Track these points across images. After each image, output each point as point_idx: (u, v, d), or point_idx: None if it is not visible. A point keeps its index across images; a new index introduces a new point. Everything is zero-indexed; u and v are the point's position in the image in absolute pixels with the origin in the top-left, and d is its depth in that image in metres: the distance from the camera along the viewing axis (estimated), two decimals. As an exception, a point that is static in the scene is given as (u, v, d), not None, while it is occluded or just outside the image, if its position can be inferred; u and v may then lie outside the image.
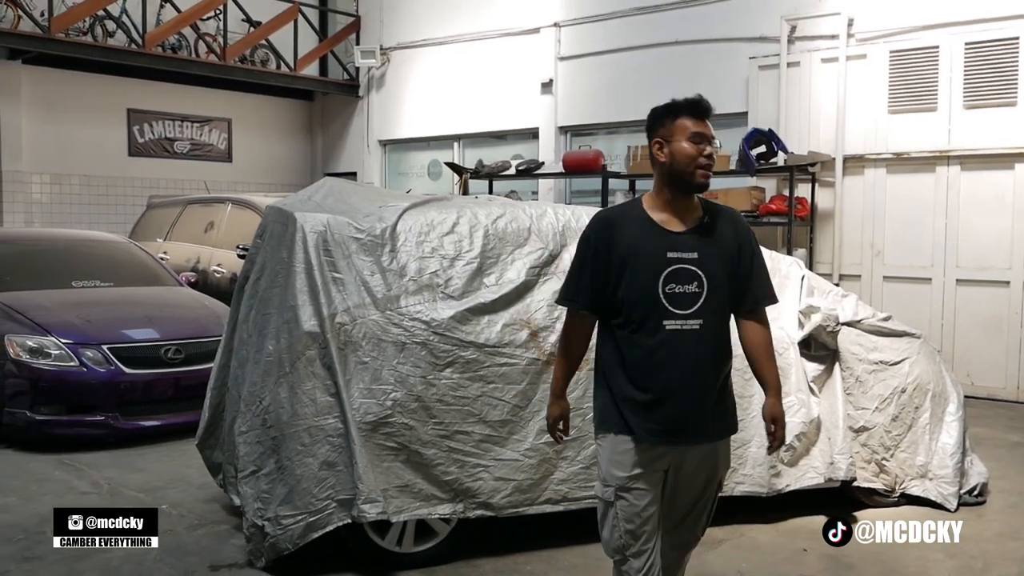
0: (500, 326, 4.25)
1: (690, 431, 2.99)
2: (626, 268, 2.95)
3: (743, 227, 3.09)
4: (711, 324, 2.96)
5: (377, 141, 14.34)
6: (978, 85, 8.35)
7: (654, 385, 2.94)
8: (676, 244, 2.95)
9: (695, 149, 2.92)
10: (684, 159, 2.92)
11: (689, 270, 2.94)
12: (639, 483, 2.98)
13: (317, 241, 4.18)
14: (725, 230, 3.02)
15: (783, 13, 9.65)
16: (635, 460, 2.97)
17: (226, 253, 9.20)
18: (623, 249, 2.97)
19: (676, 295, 2.93)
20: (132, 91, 12.92)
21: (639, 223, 2.99)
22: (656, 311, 2.92)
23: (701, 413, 2.98)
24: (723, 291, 2.98)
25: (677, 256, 2.94)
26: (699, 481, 3.10)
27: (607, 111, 11.51)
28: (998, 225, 8.32)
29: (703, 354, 2.96)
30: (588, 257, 3.04)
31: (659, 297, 2.92)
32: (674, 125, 2.95)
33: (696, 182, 2.94)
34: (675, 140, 2.93)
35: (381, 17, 14.03)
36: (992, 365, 8.42)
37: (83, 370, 6.21)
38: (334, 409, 3.95)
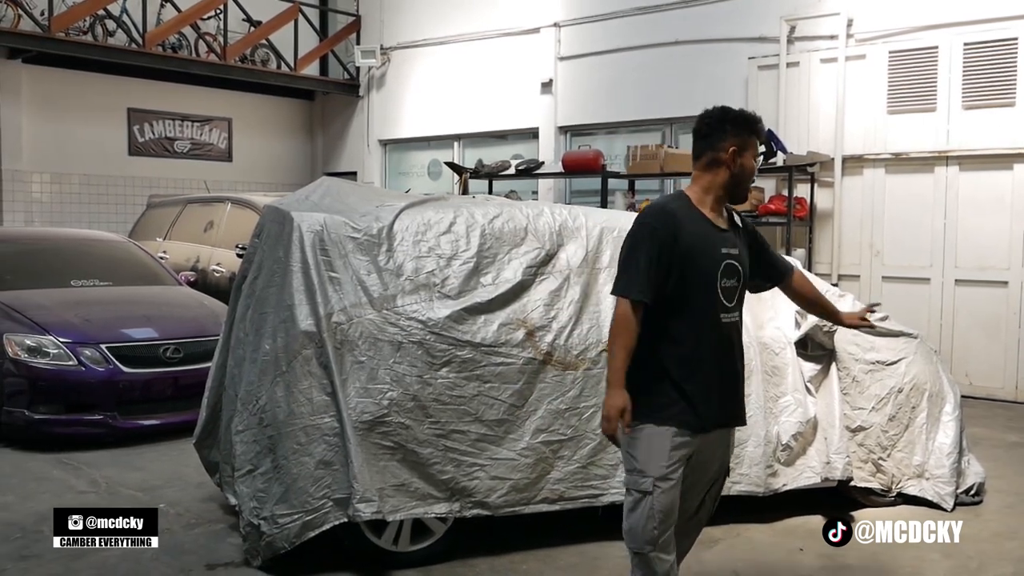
0: (496, 326, 4.26)
1: (727, 419, 3.27)
2: (689, 261, 3.10)
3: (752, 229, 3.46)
4: (742, 316, 3.29)
5: (377, 141, 14.35)
6: (977, 85, 8.35)
7: (703, 376, 3.13)
8: (725, 241, 3.19)
9: (754, 166, 3.24)
10: (750, 174, 3.22)
11: (733, 265, 3.19)
12: (676, 474, 3.12)
13: (314, 240, 4.19)
14: (746, 231, 3.36)
15: (782, 13, 9.65)
16: (674, 451, 3.10)
17: (225, 252, 9.21)
18: (687, 241, 3.10)
19: (727, 289, 3.17)
20: (132, 90, 12.93)
21: (697, 218, 3.17)
22: (715, 305, 3.14)
23: (738, 401, 3.31)
24: (747, 283, 3.31)
25: (727, 252, 3.18)
26: (714, 467, 3.33)
27: (607, 111, 11.52)
28: (997, 225, 8.32)
29: (738, 344, 3.26)
30: (654, 248, 3.09)
31: (717, 291, 3.14)
32: (750, 140, 3.20)
33: (744, 195, 3.27)
34: (747, 154, 3.18)
35: (381, 17, 14.04)
36: (990, 365, 8.42)
37: (81, 369, 6.22)
38: (330, 408, 3.96)
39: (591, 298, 4.53)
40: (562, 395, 4.32)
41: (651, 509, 3.07)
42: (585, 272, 4.56)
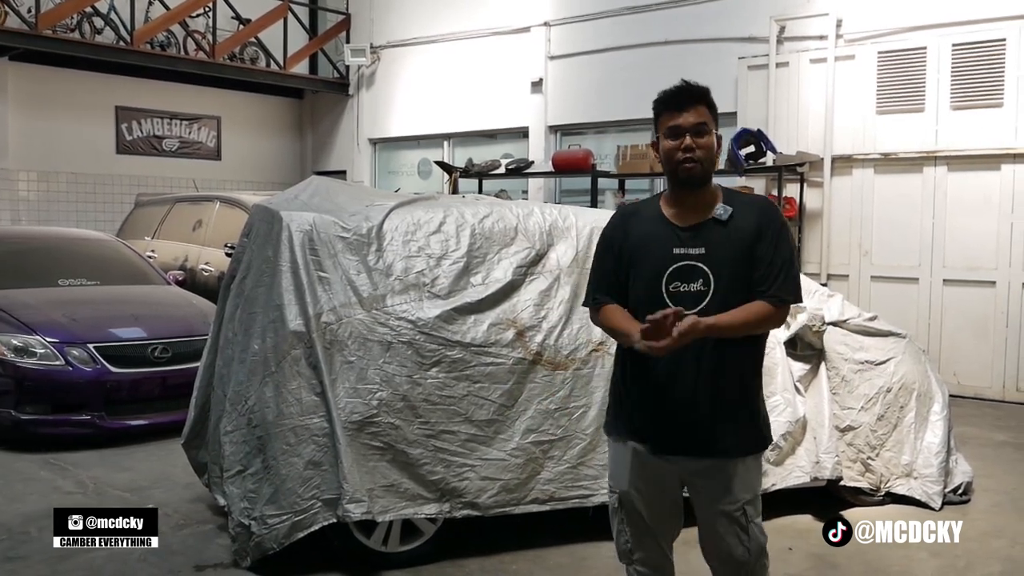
0: (486, 325, 4.25)
1: (688, 443, 2.80)
2: (633, 263, 2.84)
3: (769, 218, 2.80)
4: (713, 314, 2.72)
5: (367, 140, 14.32)
6: (965, 86, 8.39)
7: (651, 391, 2.80)
8: (683, 239, 2.78)
9: (673, 144, 2.78)
10: (665, 156, 2.82)
11: (694, 267, 2.75)
12: (640, 491, 2.89)
13: (303, 240, 4.17)
14: (744, 222, 2.77)
15: (772, 14, 9.68)
16: (634, 468, 2.88)
17: (214, 251, 9.17)
18: (633, 243, 2.86)
19: (680, 294, 2.74)
20: (120, 88, 12.86)
21: (652, 217, 2.87)
22: (659, 310, 2.64)
23: (700, 425, 2.77)
24: (735, 291, 2.73)
25: (683, 252, 2.76)
26: (711, 501, 2.87)
27: (597, 110, 11.52)
28: (984, 226, 8.36)
29: (706, 360, 2.74)
30: (600, 251, 2.96)
31: (662, 296, 2.75)
32: (659, 122, 2.87)
33: (681, 177, 2.78)
34: (660, 137, 2.84)
35: (371, 15, 14.01)
36: (978, 364, 8.46)
37: (69, 369, 6.18)
38: (320, 408, 3.95)
39: (581, 298, 4.51)
40: (552, 395, 4.32)
41: (620, 523, 2.97)
42: (575, 272, 4.56)
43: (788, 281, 2.76)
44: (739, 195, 2.92)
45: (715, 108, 2.86)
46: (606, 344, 4.48)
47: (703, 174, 2.79)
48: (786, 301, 2.77)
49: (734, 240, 2.77)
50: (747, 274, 2.75)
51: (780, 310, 2.77)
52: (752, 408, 2.87)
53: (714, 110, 2.85)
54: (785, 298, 2.76)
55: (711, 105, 2.84)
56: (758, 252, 2.74)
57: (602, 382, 4.42)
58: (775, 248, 2.76)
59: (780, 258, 2.76)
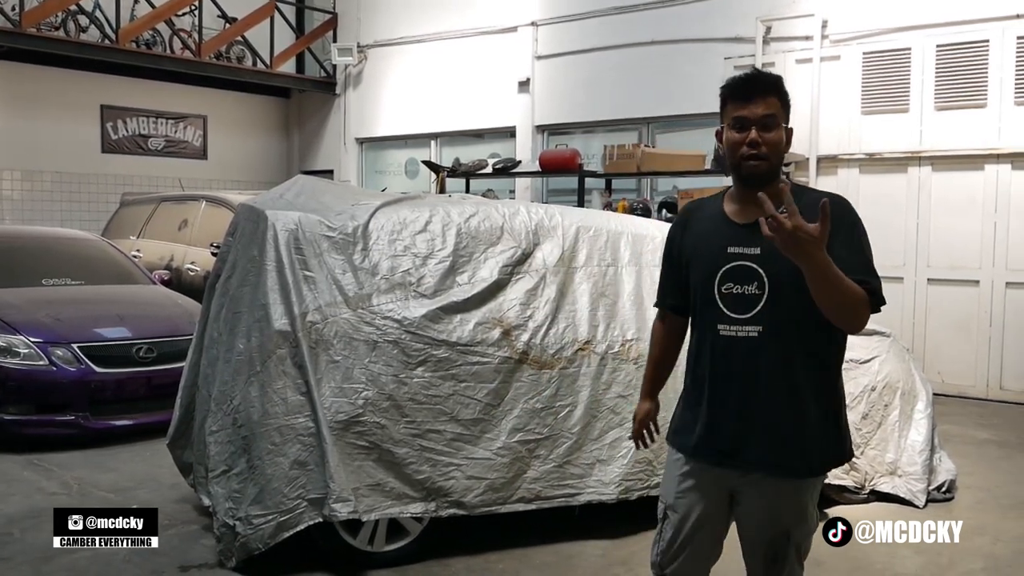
0: (472, 325, 4.26)
1: (739, 455, 2.56)
2: (690, 263, 2.66)
3: (838, 215, 2.35)
4: (773, 332, 2.48)
5: (354, 139, 14.29)
6: (949, 87, 8.45)
7: (704, 397, 2.61)
8: (740, 238, 2.53)
9: (738, 136, 2.51)
10: (729, 149, 2.56)
11: (749, 268, 2.51)
12: (685, 503, 2.70)
13: (288, 239, 4.16)
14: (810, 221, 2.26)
15: (758, 14, 9.71)
16: (683, 478, 2.70)
17: (200, 251, 9.14)
18: (689, 241, 2.68)
19: (734, 296, 2.53)
20: (105, 87, 12.79)
21: (712, 215, 2.64)
22: (711, 313, 2.54)
23: (753, 436, 2.53)
24: (793, 297, 2.42)
25: (738, 251, 2.52)
26: (757, 521, 2.67)
27: (584, 110, 11.53)
28: (968, 225, 8.42)
29: (762, 366, 2.50)
30: (666, 249, 2.81)
31: (715, 298, 2.55)
32: (724, 111, 2.59)
33: (744, 173, 2.53)
34: (725, 127, 2.57)
35: (358, 14, 13.98)
36: (962, 363, 8.52)
37: (52, 369, 6.14)
38: (305, 408, 3.93)
39: (567, 297, 4.54)
40: (538, 394, 4.32)
41: (659, 535, 2.79)
42: (561, 271, 4.56)
43: (878, 281, 2.43)
44: (809, 191, 2.63)
45: (787, 98, 2.58)
46: (592, 343, 4.49)
47: (768, 170, 2.52)
48: (878, 300, 2.42)
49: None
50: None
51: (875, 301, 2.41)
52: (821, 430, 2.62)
53: (786, 101, 2.57)
54: (878, 295, 2.42)
55: (783, 96, 2.56)
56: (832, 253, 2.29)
57: (588, 381, 4.44)
58: (848, 248, 2.43)
59: (863, 258, 2.46)
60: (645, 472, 4.51)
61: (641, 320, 4.67)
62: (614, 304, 4.66)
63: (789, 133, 2.57)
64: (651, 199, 10.57)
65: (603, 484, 4.42)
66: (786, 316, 2.48)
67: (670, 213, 9.50)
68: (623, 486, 4.45)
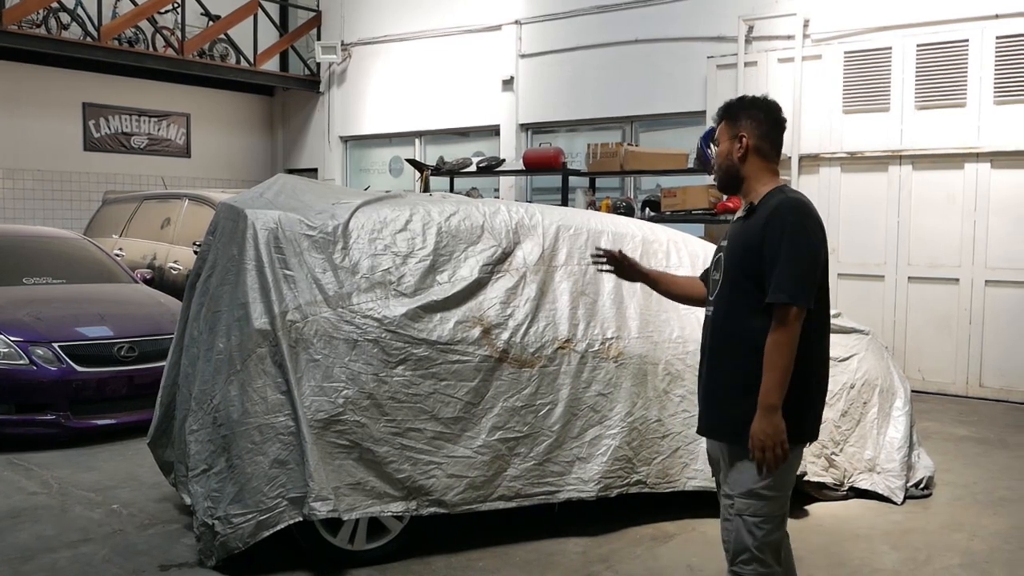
0: (453, 323, 4.26)
1: (702, 420, 3.08)
2: None
3: (775, 218, 2.83)
4: (721, 312, 2.96)
5: (338, 137, 14.28)
6: (929, 86, 8.51)
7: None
8: (730, 232, 3.07)
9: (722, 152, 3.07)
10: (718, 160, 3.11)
11: (719, 257, 3.04)
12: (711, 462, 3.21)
13: (268, 238, 4.16)
14: (757, 220, 2.88)
15: (741, 13, 9.76)
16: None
17: (183, 250, 9.11)
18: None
19: (712, 281, 3.09)
20: (88, 85, 12.73)
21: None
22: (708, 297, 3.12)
23: (706, 403, 3.04)
24: (739, 282, 2.88)
25: (722, 244, 3.07)
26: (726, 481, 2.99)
27: (568, 109, 11.56)
28: (948, 224, 8.48)
29: (714, 343, 2.99)
30: None
31: (708, 283, 3.16)
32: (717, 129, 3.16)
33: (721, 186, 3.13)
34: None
35: (342, 12, 13.97)
36: (942, 361, 8.59)
37: (33, 368, 6.12)
38: (285, 407, 3.94)
39: (547, 296, 4.55)
40: (518, 392, 4.34)
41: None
42: (541, 270, 4.58)
43: (778, 283, 2.76)
44: (776, 194, 2.94)
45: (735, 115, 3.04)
46: (572, 341, 4.51)
47: (722, 178, 3.08)
48: (780, 303, 2.74)
49: (745, 235, 2.92)
50: (752, 270, 2.85)
51: (779, 314, 2.75)
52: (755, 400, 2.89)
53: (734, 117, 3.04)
54: (775, 300, 2.75)
55: (730, 116, 3.06)
56: (764, 261, 2.81)
57: (568, 379, 4.46)
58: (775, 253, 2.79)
59: (778, 258, 2.78)
60: (624, 470, 4.54)
61: (621, 319, 4.70)
62: (594, 303, 4.68)
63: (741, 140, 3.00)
64: (635, 198, 10.61)
65: (583, 482, 4.44)
66: (731, 299, 2.93)
67: (653, 211, 9.54)
68: (603, 483, 4.47)
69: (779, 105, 3.10)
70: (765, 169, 3.00)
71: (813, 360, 2.90)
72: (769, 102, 3.07)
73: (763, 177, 2.99)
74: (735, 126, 3.01)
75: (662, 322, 4.82)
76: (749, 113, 3.01)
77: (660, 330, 4.79)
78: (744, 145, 2.98)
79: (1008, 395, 8.26)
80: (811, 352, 2.87)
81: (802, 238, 2.80)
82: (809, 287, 2.78)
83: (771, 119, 3.02)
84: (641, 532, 4.66)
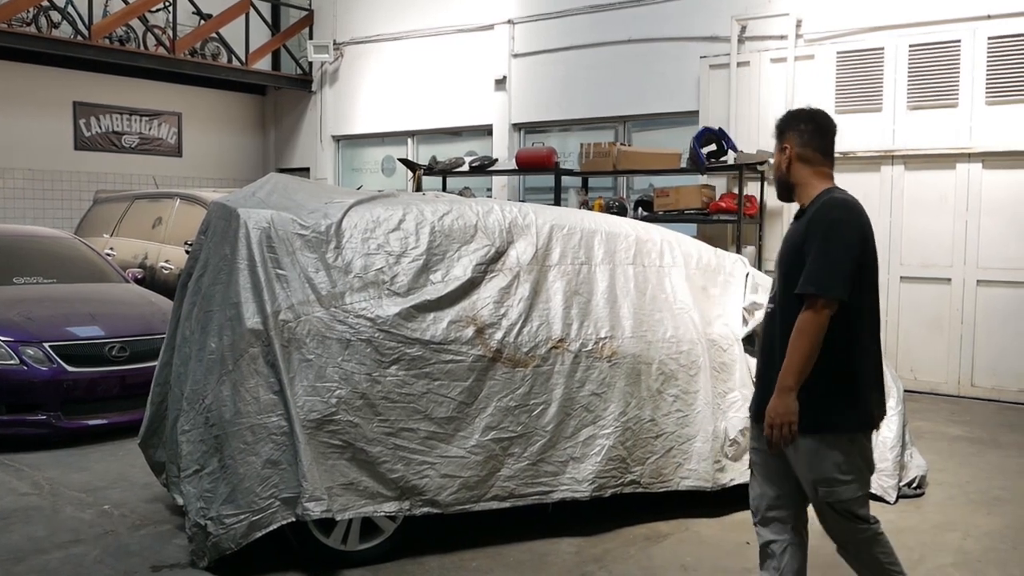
0: (446, 323, 4.25)
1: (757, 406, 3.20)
2: None
3: (813, 219, 3.06)
4: (779, 309, 3.13)
5: (331, 136, 14.24)
6: (921, 86, 8.52)
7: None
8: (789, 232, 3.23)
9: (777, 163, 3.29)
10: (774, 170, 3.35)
11: (779, 256, 3.23)
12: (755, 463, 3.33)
13: (261, 237, 4.14)
14: (804, 221, 3.11)
15: (733, 13, 9.76)
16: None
17: (174, 249, 9.08)
18: None
19: (773, 279, 3.29)
20: (78, 84, 12.66)
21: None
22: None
23: (763, 395, 3.14)
24: (789, 282, 3.06)
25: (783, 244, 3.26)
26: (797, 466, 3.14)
27: (560, 108, 11.55)
28: (940, 224, 8.50)
29: (772, 337, 3.17)
30: None
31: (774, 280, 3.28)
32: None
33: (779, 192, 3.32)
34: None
35: (334, 11, 13.93)
36: (934, 360, 8.61)
37: (24, 368, 6.08)
38: (277, 407, 3.92)
39: (541, 295, 4.54)
40: (512, 392, 4.33)
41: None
42: (535, 269, 4.57)
43: (807, 275, 2.95)
44: (823, 195, 3.12)
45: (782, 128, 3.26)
46: (566, 341, 4.50)
47: (777, 188, 3.31)
48: (808, 294, 2.94)
49: (794, 236, 3.14)
50: (799, 268, 3.01)
51: (808, 303, 2.94)
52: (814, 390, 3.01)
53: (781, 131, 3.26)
54: (803, 291, 2.95)
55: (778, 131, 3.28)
56: (804, 249, 3.02)
57: (561, 379, 4.45)
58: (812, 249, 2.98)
59: (813, 266, 2.96)
60: (618, 469, 4.53)
61: (615, 318, 4.69)
62: (588, 302, 4.67)
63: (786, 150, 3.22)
64: (627, 197, 10.62)
65: (576, 482, 4.43)
66: (784, 297, 3.09)
67: (646, 211, 9.54)
68: (596, 483, 4.46)
69: (823, 112, 3.28)
70: (814, 174, 3.19)
71: (854, 351, 3.03)
72: (813, 111, 3.26)
73: (812, 181, 3.18)
74: (781, 139, 3.25)
75: (656, 321, 4.82)
76: (792, 125, 3.23)
77: (654, 330, 4.79)
78: (788, 155, 3.21)
79: (1000, 395, 8.28)
80: (852, 343, 3.02)
81: (836, 232, 2.97)
82: (839, 279, 2.93)
83: (813, 127, 3.20)
84: (635, 532, 4.66)
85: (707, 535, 4.69)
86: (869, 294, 3.07)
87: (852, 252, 2.96)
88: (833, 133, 3.25)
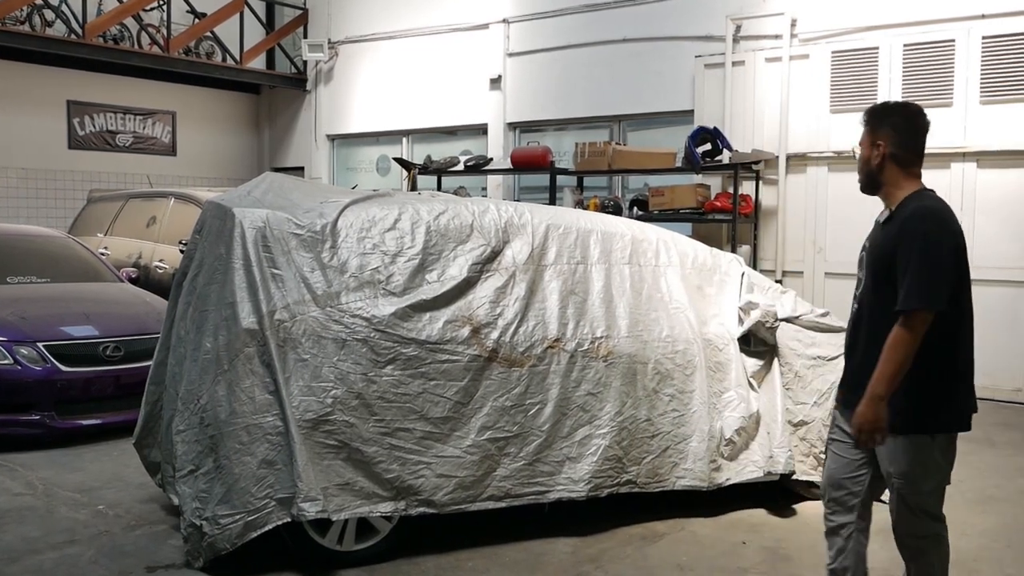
0: (442, 323, 4.25)
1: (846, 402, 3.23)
2: None
3: (906, 229, 3.04)
4: (866, 311, 3.18)
5: (325, 136, 14.22)
6: (916, 86, 8.53)
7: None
8: (872, 234, 3.27)
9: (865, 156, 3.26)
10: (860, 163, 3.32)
11: (863, 256, 3.28)
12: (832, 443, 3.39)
13: (256, 237, 4.13)
14: (893, 227, 3.10)
15: (728, 12, 9.77)
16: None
17: (169, 248, 9.06)
18: None
19: (857, 279, 3.32)
20: (72, 82, 12.63)
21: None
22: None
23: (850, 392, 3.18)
24: (881, 286, 3.09)
25: (865, 244, 3.30)
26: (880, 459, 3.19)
27: (556, 108, 11.55)
28: (935, 223, 8.50)
29: (857, 335, 3.21)
30: None
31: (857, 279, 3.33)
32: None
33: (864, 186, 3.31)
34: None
35: (329, 10, 13.91)
36: (929, 359, 8.60)
37: (17, 368, 6.05)
38: (273, 407, 3.91)
39: (537, 295, 4.54)
40: (508, 392, 4.32)
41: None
42: (531, 269, 4.57)
43: (907, 290, 2.96)
44: (913, 200, 3.11)
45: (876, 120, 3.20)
46: (561, 341, 4.50)
47: (863, 181, 3.27)
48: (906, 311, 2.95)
49: (883, 241, 3.14)
50: (891, 275, 3.03)
51: (908, 318, 2.95)
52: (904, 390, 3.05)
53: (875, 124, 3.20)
54: (903, 308, 2.96)
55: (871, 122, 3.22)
56: (896, 259, 3.02)
57: (557, 379, 4.45)
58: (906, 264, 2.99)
59: (905, 267, 2.99)
60: (614, 469, 4.53)
61: (610, 318, 4.69)
62: (584, 302, 4.67)
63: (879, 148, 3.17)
64: (623, 197, 10.62)
65: (573, 481, 4.43)
66: (871, 300, 3.16)
67: (641, 211, 9.55)
68: (593, 483, 4.46)
69: (918, 108, 3.22)
70: (903, 175, 3.15)
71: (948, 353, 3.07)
72: (911, 108, 3.21)
73: (901, 183, 3.15)
74: (875, 133, 3.19)
75: (651, 321, 4.82)
76: (889, 120, 3.17)
77: (649, 329, 4.78)
78: (881, 153, 3.16)
79: (994, 393, 8.29)
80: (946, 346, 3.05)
81: (931, 246, 2.97)
82: (936, 290, 2.95)
83: (910, 126, 3.16)
84: (631, 532, 4.66)
85: (703, 535, 4.69)
86: (964, 298, 3.09)
87: (948, 263, 2.98)
88: (926, 132, 3.20)
